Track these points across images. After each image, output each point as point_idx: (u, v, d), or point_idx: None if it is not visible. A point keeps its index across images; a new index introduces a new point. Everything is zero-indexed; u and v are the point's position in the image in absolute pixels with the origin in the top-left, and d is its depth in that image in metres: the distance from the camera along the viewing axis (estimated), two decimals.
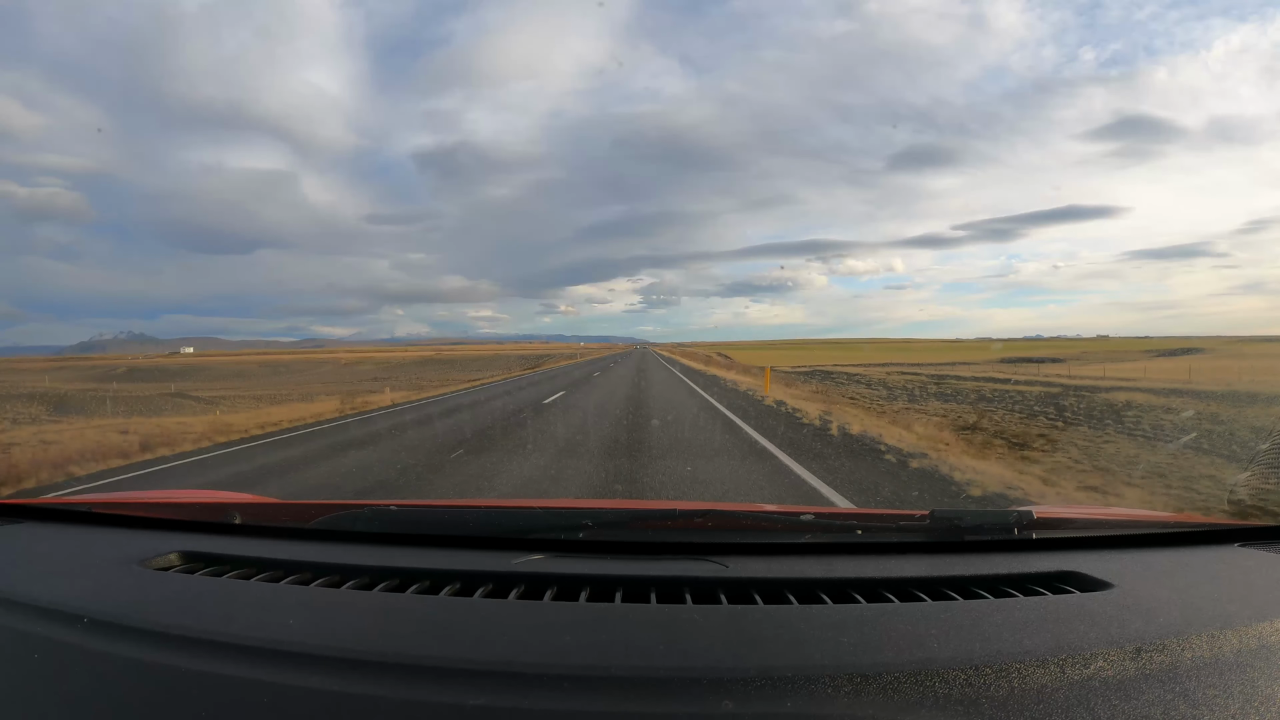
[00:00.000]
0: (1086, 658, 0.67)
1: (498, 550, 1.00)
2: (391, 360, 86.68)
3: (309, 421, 10.98)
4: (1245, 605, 0.81)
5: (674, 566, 0.93)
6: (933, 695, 0.62)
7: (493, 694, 0.62)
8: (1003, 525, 1.02)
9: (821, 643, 0.71)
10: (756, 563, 0.95)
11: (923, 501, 4.66)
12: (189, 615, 0.80)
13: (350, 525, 1.10)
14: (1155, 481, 6.33)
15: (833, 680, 0.64)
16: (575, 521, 1.04)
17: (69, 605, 0.82)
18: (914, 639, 0.71)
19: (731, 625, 0.76)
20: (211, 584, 0.91)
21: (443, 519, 1.16)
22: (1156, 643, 0.70)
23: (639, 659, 0.69)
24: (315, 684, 0.64)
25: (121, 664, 0.70)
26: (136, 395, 31.99)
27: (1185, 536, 1.10)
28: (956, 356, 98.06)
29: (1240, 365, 44.83)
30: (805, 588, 0.87)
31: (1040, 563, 0.96)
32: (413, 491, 5.03)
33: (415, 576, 0.91)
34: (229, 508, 1.18)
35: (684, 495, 4.74)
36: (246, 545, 1.06)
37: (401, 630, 0.76)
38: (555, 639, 0.73)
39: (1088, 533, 1.11)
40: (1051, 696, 0.62)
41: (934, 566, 0.94)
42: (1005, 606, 0.81)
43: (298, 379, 44.85)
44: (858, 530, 1.03)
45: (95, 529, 1.18)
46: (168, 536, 1.10)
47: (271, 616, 0.79)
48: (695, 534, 1.04)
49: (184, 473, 6.45)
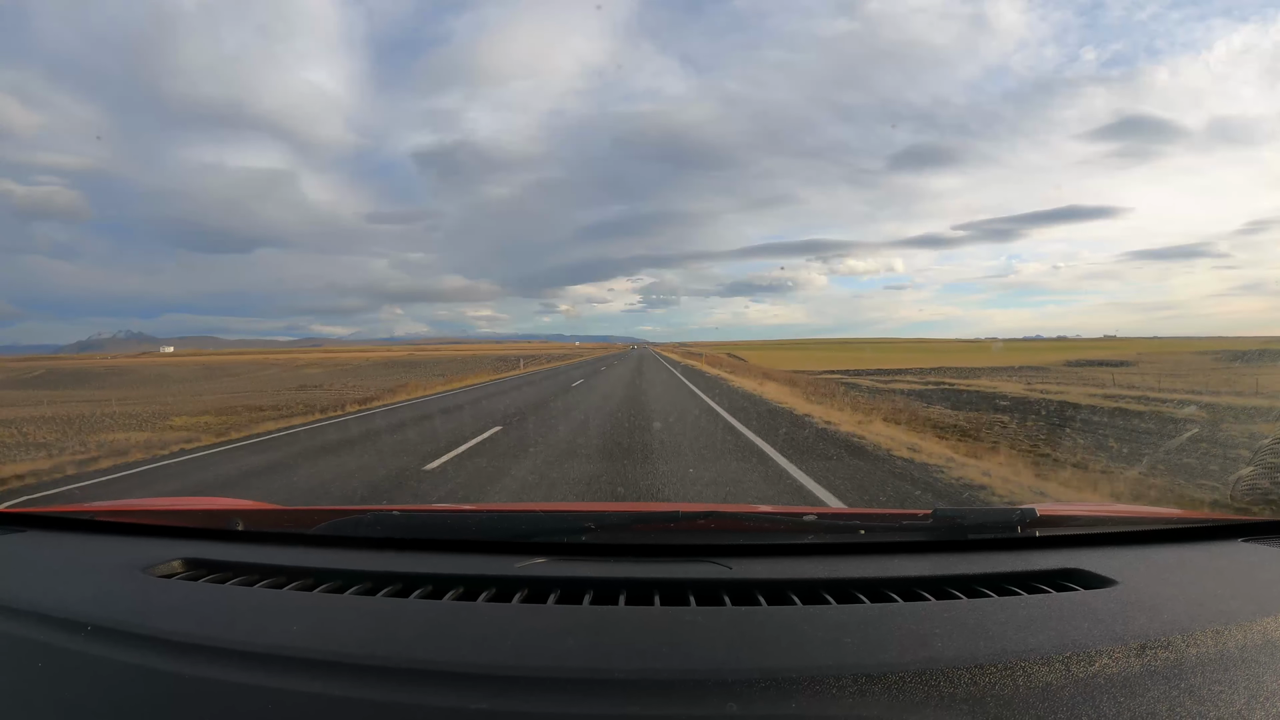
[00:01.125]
0: (1091, 655, 0.67)
1: (501, 554, 1.00)
2: (355, 362, 75.92)
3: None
4: (1250, 601, 0.81)
5: (677, 569, 0.93)
6: (937, 694, 0.62)
7: (496, 698, 0.62)
8: (1005, 523, 1.02)
9: (825, 643, 0.71)
10: (760, 564, 0.95)
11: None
12: (193, 622, 0.80)
13: (353, 531, 1.10)
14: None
15: (837, 681, 0.64)
16: (578, 524, 1.04)
17: (73, 612, 0.82)
18: (918, 638, 0.71)
19: (735, 627, 0.76)
20: (215, 590, 0.91)
21: (445, 523, 1.16)
22: (1161, 639, 0.70)
23: (643, 661, 0.69)
24: (319, 689, 0.64)
25: (125, 671, 0.70)
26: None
27: (1189, 532, 1.10)
28: (995, 359, 79.60)
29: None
30: (809, 588, 0.87)
31: (1044, 560, 0.95)
32: None
33: (418, 581, 0.91)
34: (232, 514, 1.18)
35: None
36: (250, 552, 1.06)
37: (405, 635, 0.76)
38: (559, 642, 0.73)
39: (1091, 530, 1.10)
40: (1057, 694, 0.62)
41: (937, 565, 0.94)
42: (1009, 605, 0.81)
43: (216, 386, 38.41)
44: (860, 530, 1.03)
45: (98, 536, 1.18)
46: (171, 544, 1.10)
47: (275, 622, 0.80)
48: (698, 536, 1.04)
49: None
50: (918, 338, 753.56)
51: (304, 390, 28.40)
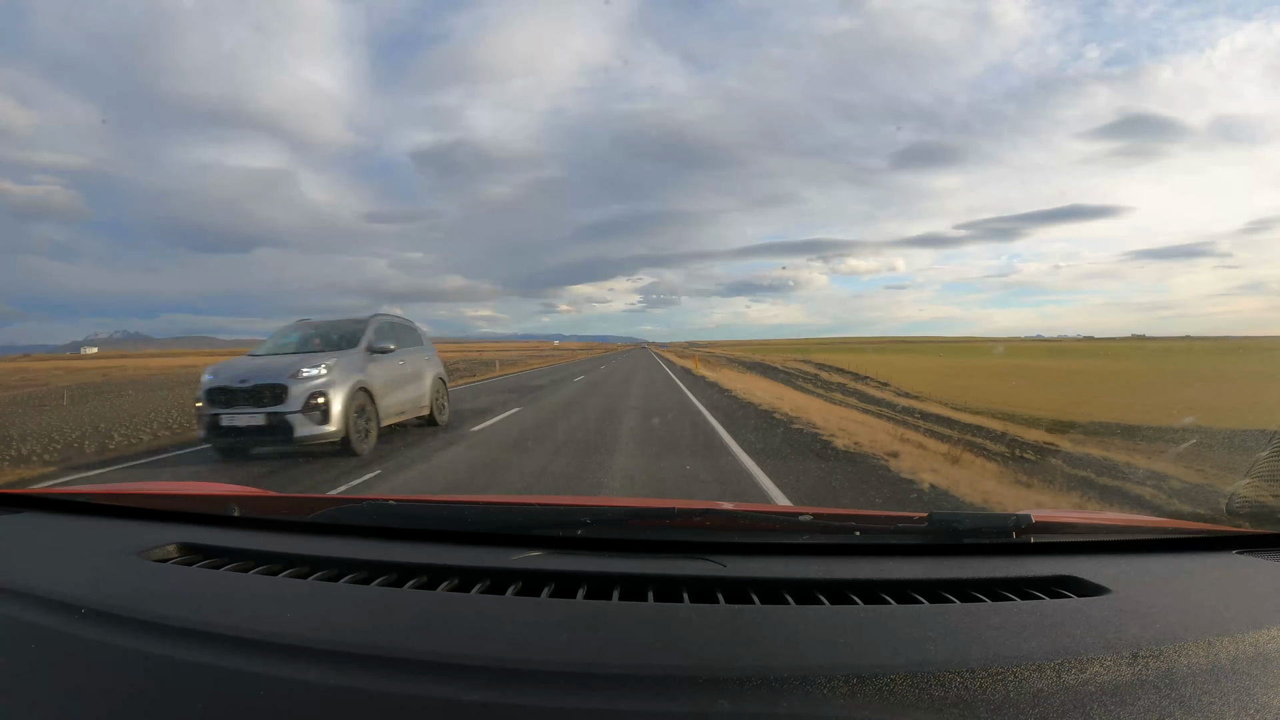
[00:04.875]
0: (1083, 662, 0.67)
1: (496, 546, 1.00)
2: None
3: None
4: (1242, 612, 0.81)
5: (672, 565, 0.94)
6: (928, 697, 0.62)
7: (489, 689, 0.63)
8: (1000, 528, 1.02)
9: (818, 643, 0.71)
10: (754, 563, 0.95)
11: None
12: (187, 607, 0.80)
13: (349, 519, 1.10)
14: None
15: (829, 681, 0.64)
16: (574, 519, 1.04)
17: (67, 595, 0.82)
18: (910, 641, 0.71)
19: (728, 625, 0.76)
20: (210, 576, 0.91)
21: (441, 514, 1.16)
22: (1153, 648, 0.70)
23: (635, 657, 0.69)
24: (312, 677, 0.65)
25: (119, 654, 0.70)
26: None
27: (1183, 543, 1.10)
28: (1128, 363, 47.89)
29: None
30: (802, 588, 0.87)
31: (1037, 566, 0.96)
32: None
33: (413, 571, 0.91)
34: (228, 500, 1.18)
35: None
36: (245, 538, 1.06)
37: (399, 625, 0.76)
38: (552, 636, 0.73)
39: (1085, 537, 1.10)
40: (1047, 701, 0.62)
41: (931, 569, 0.94)
42: (1002, 610, 0.81)
43: (88, 406, 16.78)
44: (856, 532, 1.03)
45: (94, 519, 1.18)
46: (167, 528, 1.10)
47: (269, 609, 0.80)
48: (693, 533, 1.04)
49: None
50: (917, 336, 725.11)
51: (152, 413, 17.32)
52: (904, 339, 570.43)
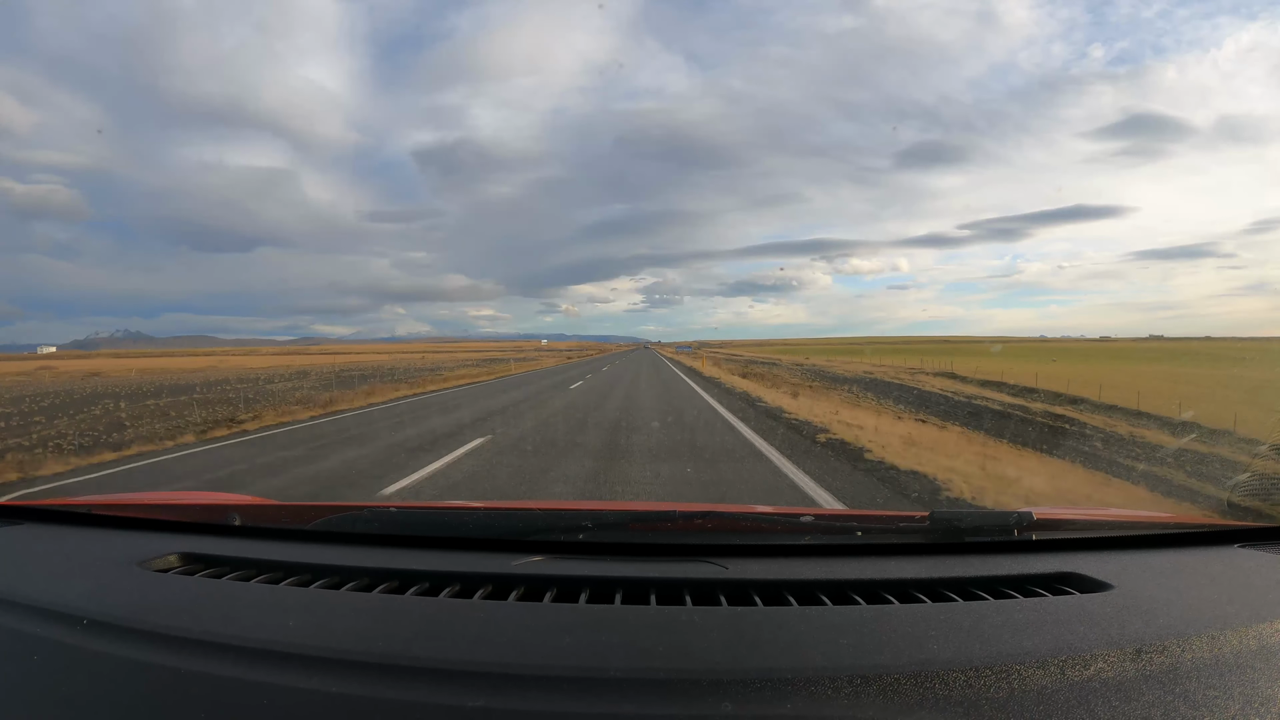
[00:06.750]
0: (1086, 659, 0.67)
1: (497, 552, 1.00)
2: (241, 370, 46.22)
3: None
4: (1245, 606, 0.81)
5: (673, 568, 0.93)
6: (932, 697, 0.62)
7: (492, 695, 0.62)
8: (1002, 526, 1.02)
9: (821, 644, 0.71)
10: (756, 564, 0.95)
11: None
12: (189, 616, 0.80)
13: (350, 527, 1.10)
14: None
15: (832, 682, 0.64)
16: (575, 523, 1.04)
17: (69, 606, 0.82)
18: (913, 640, 0.71)
19: (731, 627, 0.76)
20: (211, 585, 0.91)
21: (442, 521, 1.16)
22: (1156, 644, 0.70)
23: (638, 660, 0.69)
24: (315, 685, 0.64)
25: (121, 665, 0.70)
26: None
27: (1185, 537, 1.10)
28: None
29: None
30: (805, 589, 0.87)
31: (1040, 564, 0.96)
32: None
33: (415, 578, 0.91)
34: (229, 509, 1.18)
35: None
36: (246, 547, 1.06)
37: (401, 632, 0.76)
38: (555, 640, 0.73)
39: (1087, 534, 1.10)
40: (1052, 698, 0.62)
41: (933, 568, 0.94)
42: (1005, 608, 0.81)
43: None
44: (857, 532, 1.03)
45: (95, 530, 1.18)
46: (168, 538, 1.10)
47: (271, 618, 0.80)
48: (695, 535, 1.04)
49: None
50: (917, 336, 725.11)
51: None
52: (904, 339, 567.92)
